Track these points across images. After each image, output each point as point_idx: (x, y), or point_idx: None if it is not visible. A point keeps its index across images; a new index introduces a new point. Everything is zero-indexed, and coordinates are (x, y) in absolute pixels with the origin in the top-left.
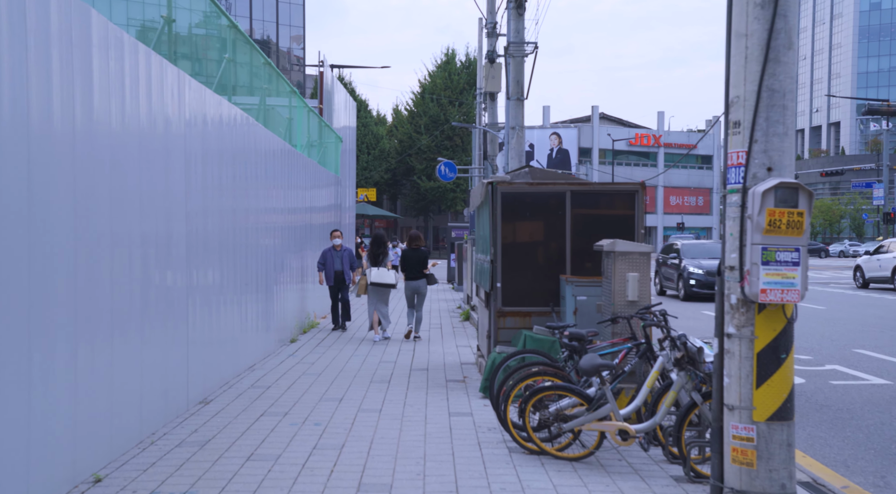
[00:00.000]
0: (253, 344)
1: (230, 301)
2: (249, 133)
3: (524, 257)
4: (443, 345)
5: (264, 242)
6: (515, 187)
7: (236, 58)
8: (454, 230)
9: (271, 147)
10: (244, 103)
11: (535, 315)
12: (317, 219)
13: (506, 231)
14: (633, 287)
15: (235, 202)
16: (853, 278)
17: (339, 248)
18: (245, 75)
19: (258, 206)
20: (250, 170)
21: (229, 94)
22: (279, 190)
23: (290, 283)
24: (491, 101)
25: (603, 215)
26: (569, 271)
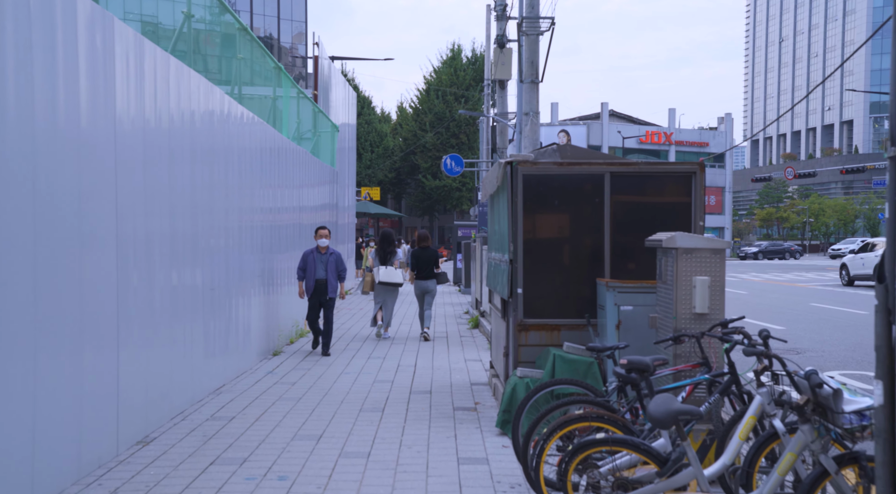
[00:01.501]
0: (220, 362)
1: (185, 314)
2: (211, 106)
3: (551, 257)
4: (449, 358)
5: (235, 244)
6: (541, 168)
7: (195, 13)
8: (460, 229)
9: (248, 129)
10: (212, 75)
11: (565, 329)
12: (308, 218)
13: (528, 224)
14: (703, 295)
15: (195, 199)
16: (839, 276)
17: (324, 250)
18: (214, 41)
19: (226, 204)
20: (216, 158)
21: (190, 60)
22: (259, 184)
23: (272, 289)
24: (500, 89)
25: (651, 203)
26: (608, 274)
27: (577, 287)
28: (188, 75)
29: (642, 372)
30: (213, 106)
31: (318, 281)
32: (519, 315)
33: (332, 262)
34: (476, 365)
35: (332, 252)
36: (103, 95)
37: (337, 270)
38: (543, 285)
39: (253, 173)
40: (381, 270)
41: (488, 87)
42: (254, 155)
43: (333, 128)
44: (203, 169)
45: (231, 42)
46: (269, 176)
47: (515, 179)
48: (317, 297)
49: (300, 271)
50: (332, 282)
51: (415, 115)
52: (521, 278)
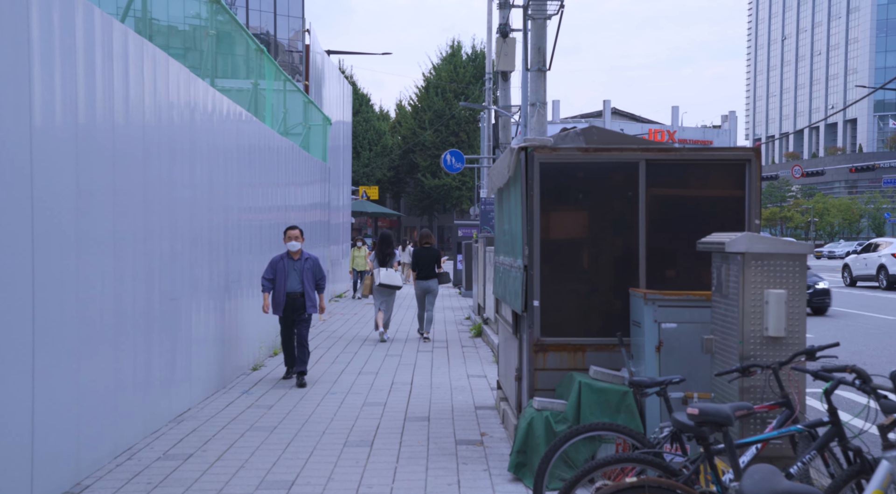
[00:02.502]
0: (183, 384)
1: (135, 329)
2: (166, 83)
3: (574, 262)
4: (450, 373)
5: (204, 247)
6: (561, 155)
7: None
8: (461, 229)
9: (219, 116)
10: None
11: (591, 350)
12: (296, 217)
13: (547, 222)
14: (778, 314)
15: (148, 198)
16: (841, 277)
17: (297, 256)
18: (177, 13)
19: (192, 204)
20: (178, 152)
21: (143, 29)
22: (236, 181)
23: (251, 295)
24: (503, 82)
25: (695, 197)
26: (643, 284)
27: (605, 299)
28: (139, 46)
29: (722, 425)
30: (170, 84)
31: (290, 295)
32: (535, 333)
33: (308, 269)
34: (480, 383)
35: (308, 257)
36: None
37: (314, 279)
38: (564, 296)
39: (227, 170)
40: (382, 272)
41: (489, 81)
42: (229, 150)
43: (325, 121)
44: (160, 164)
45: (198, 14)
46: (249, 172)
47: (531, 168)
48: (290, 314)
49: (265, 281)
50: (310, 295)
51: (414, 112)
52: (537, 289)
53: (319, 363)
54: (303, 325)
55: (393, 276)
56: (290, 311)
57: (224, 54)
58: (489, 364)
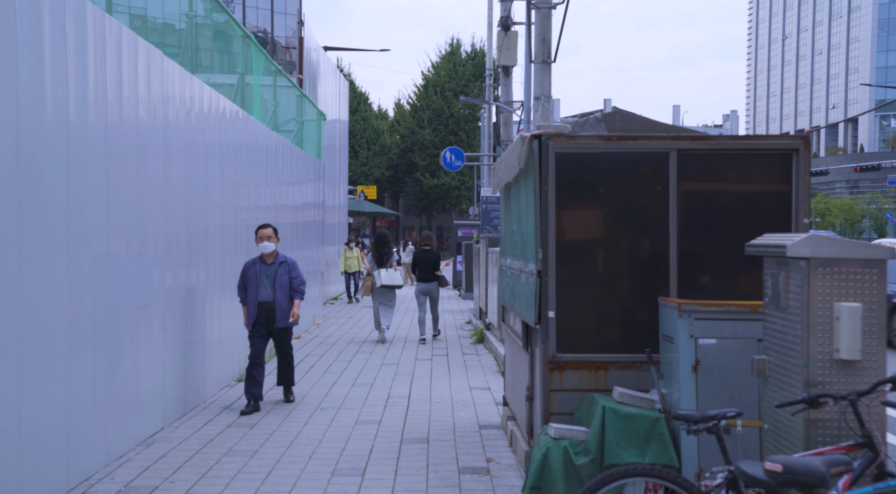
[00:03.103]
0: (156, 400)
1: (97, 339)
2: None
3: (594, 267)
4: (450, 385)
5: (182, 249)
6: (581, 144)
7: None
8: (460, 229)
9: (193, 97)
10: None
11: (614, 368)
12: (288, 217)
13: (563, 222)
14: (852, 333)
15: (110, 198)
16: None
17: (270, 259)
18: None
19: (165, 203)
20: (146, 145)
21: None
22: (219, 178)
23: (234, 300)
24: (505, 76)
25: (733, 192)
26: (674, 291)
27: (630, 309)
28: (101, 21)
29: (809, 489)
30: (139, 69)
31: (262, 305)
32: (550, 349)
33: (283, 275)
34: (484, 396)
35: (283, 261)
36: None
37: (291, 286)
38: (583, 306)
39: (209, 167)
40: (382, 273)
41: (489, 78)
42: (211, 145)
43: (320, 116)
44: (127, 161)
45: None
46: (234, 170)
47: (545, 159)
48: (263, 327)
49: (240, 290)
50: (282, 304)
51: (412, 111)
52: (553, 297)
53: (310, 373)
54: (282, 339)
55: (393, 276)
56: (264, 323)
57: (205, 38)
58: (493, 375)
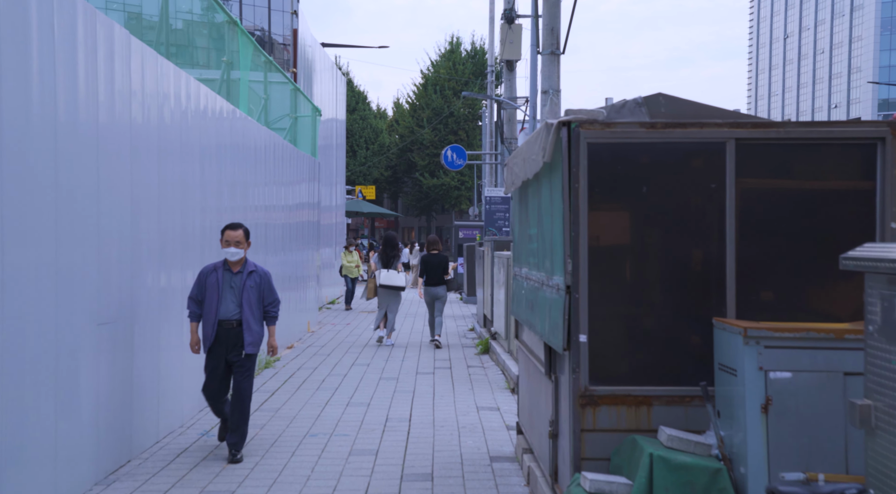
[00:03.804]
0: (121, 428)
1: (45, 363)
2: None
3: (634, 280)
4: (455, 404)
5: (154, 258)
6: (618, 133)
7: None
8: (462, 230)
9: (161, 80)
10: None
11: (659, 404)
12: (280, 218)
13: (597, 226)
14: None
15: (77, 197)
16: None
17: (237, 267)
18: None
19: (142, 201)
20: (102, 128)
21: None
22: (197, 178)
23: None
24: (508, 71)
25: (804, 190)
26: (732, 310)
27: (677, 332)
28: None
29: None
30: (98, 51)
31: (221, 323)
32: (582, 380)
33: (252, 288)
34: (493, 419)
35: (253, 271)
36: None
37: (262, 304)
38: (621, 328)
39: (186, 165)
40: (383, 273)
41: (491, 74)
42: (188, 140)
43: (315, 112)
44: (79, 156)
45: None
46: (217, 168)
47: (576, 151)
48: (220, 353)
49: (192, 303)
50: (251, 325)
51: (411, 110)
52: (585, 318)
53: (302, 390)
54: (243, 371)
55: (394, 277)
56: (222, 348)
57: (182, 19)
58: (501, 392)
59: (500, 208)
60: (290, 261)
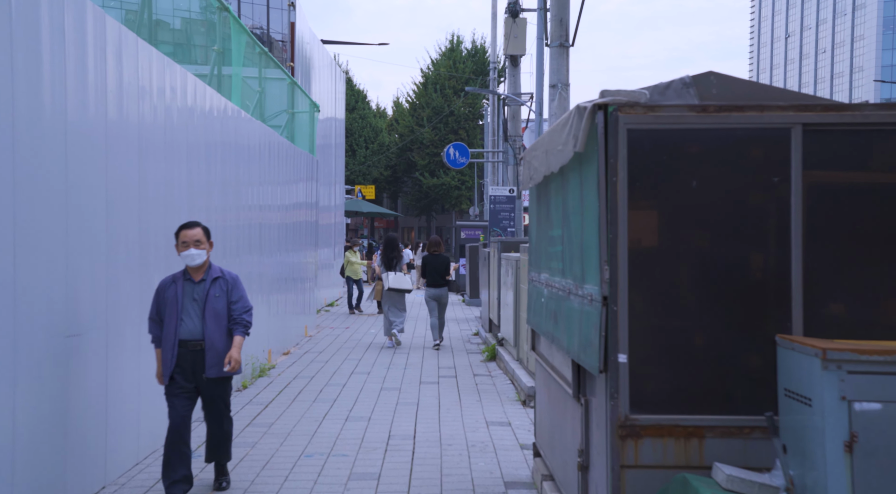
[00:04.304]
0: (95, 447)
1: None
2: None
3: (682, 291)
4: (463, 418)
5: (120, 256)
6: (663, 118)
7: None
8: (464, 231)
9: (139, 65)
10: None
11: (712, 435)
12: (275, 217)
13: (638, 227)
14: None
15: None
16: None
17: (198, 275)
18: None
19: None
20: (71, 120)
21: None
22: (188, 172)
23: None
24: (513, 66)
25: (884, 185)
26: (799, 326)
27: (733, 351)
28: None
29: None
30: (65, 29)
31: (183, 343)
32: (622, 408)
33: (219, 297)
34: (504, 436)
35: (218, 277)
36: None
37: (230, 316)
38: (667, 346)
39: (172, 161)
40: (391, 276)
41: (493, 71)
42: (176, 141)
43: (313, 107)
44: (48, 151)
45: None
46: (205, 164)
47: (614, 138)
48: (187, 379)
49: (153, 324)
50: (218, 343)
51: (411, 109)
52: (625, 334)
53: (297, 402)
54: (218, 393)
55: (402, 280)
56: (187, 376)
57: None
58: (512, 404)
59: (504, 207)
60: (287, 262)
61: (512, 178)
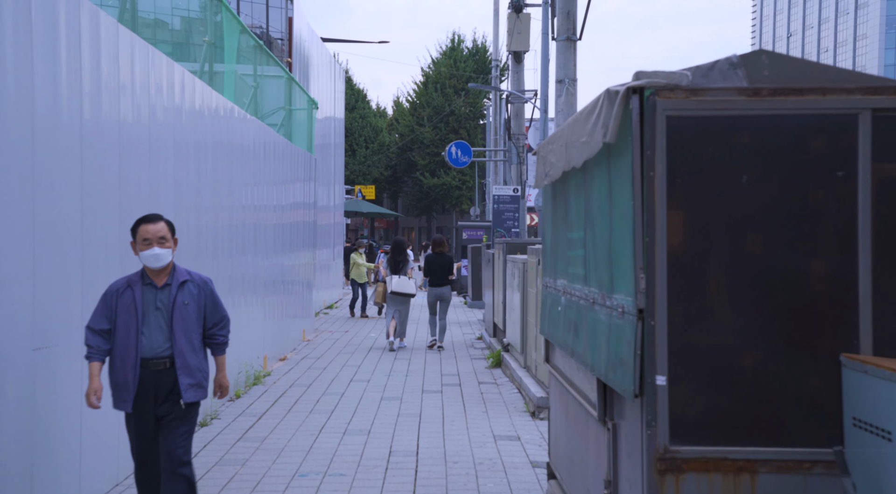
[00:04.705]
0: (68, 465)
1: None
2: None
3: (729, 303)
4: (468, 432)
5: (95, 258)
6: (709, 103)
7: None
8: (465, 231)
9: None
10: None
11: (766, 470)
12: (271, 218)
13: (677, 229)
14: None
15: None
16: None
17: (162, 279)
18: None
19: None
20: (40, 116)
21: None
22: (176, 170)
23: None
24: (516, 63)
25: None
26: (868, 344)
27: (790, 372)
28: None
29: None
30: (33, 13)
31: (147, 364)
32: (661, 438)
33: (188, 306)
34: (513, 451)
35: (186, 280)
36: None
37: (202, 325)
38: (713, 366)
39: (158, 157)
40: (394, 279)
41: (496, 68)
42: (162, 139)
43: (311, 104)
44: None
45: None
46: (192, 161)
47: (651, 127)
48: (147, 407)
49: (93, 335)
50: (189, 361)
51: (411, 109)
52: (664, 353)
53: (292, 413)
54: (177, 428)
55: (406, 284)
56: (149, 400)
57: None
58: (520, 416)
59: (508, 207)
60: (283, 264)
61: (516, 177)
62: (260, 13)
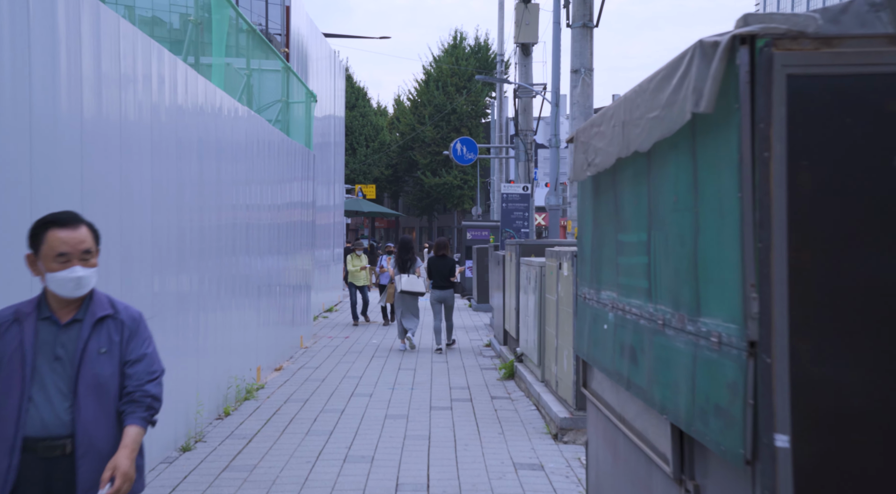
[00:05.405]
0: None
1: None
2: None
3: (881, 330)
4: (485, 459)
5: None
6: (847, 57)
7: None
8: (470, 231)
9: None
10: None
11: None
12: (266, 217)
13: (804, 230)
14: None
15: None
16: None
17: (69, 313)
18: None
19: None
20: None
21: None
22: (168, 168)
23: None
24: (524, 55)
25: None
26: None
27: None
28: None
29: None
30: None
31: (31, 445)
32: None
33: (104, 358)
34: (537, 484)
35: (107, 314)
36: None
37: (122, 390)
38: (855, 418)
39: (145, 152)
40: (403, 278)
41: (500, 63)
42: (143, 123)
43: (310, 97)
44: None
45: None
46: (182, 158)
47: (765, 90)
48: (51, 468)
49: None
50: (97, 443)
51: (413, 107)
52: (786, 403)
53: (286, 435)
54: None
55: (415, 283)
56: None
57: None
58: (541, 438)
59: (518, 206)
60: (279, 267)
61: (524, 175)
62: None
